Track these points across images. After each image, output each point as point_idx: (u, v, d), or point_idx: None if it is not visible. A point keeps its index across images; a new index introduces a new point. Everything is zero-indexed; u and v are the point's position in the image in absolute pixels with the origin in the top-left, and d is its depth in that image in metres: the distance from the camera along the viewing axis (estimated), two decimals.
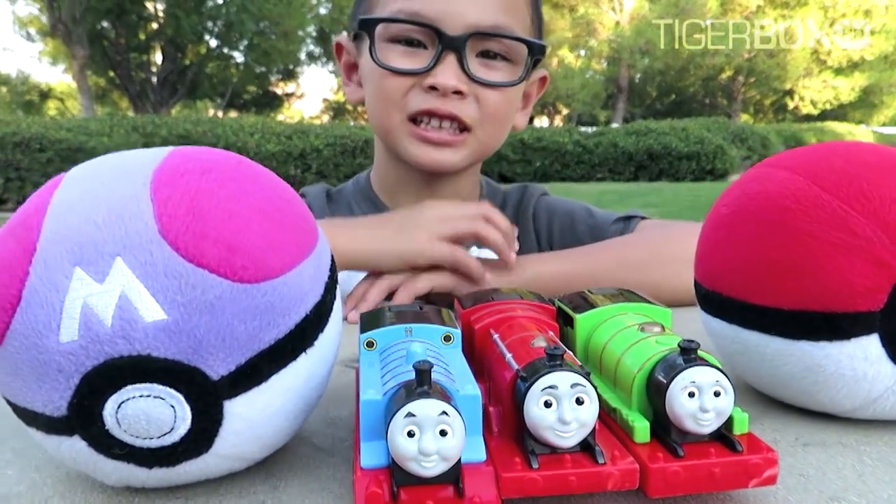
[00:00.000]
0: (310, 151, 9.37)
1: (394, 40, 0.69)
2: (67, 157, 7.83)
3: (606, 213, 0.80)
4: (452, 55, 0.67)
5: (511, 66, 0.71)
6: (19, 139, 7.68)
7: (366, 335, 0.33)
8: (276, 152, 9.16)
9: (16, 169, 7.69)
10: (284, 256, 0.29)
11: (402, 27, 0.68)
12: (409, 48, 0.69)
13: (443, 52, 0.67)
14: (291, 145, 9.33)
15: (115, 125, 8.87)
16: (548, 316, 0.38)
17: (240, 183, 0.30)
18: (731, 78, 20.57)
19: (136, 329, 0.26)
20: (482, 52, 0.70)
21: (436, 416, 0.25)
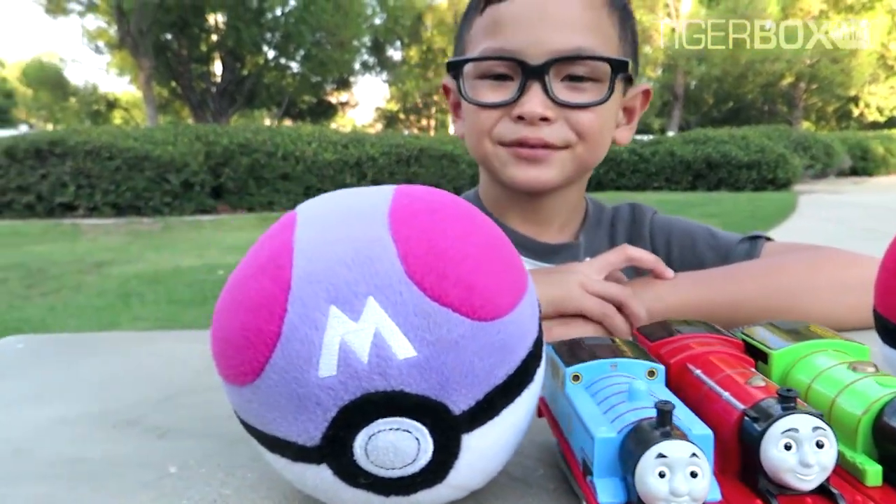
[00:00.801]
0: (365, 160, 9.49)
1: (482, 76, 0.72)
2: (134, 165, 8.11)
3: (729, 234, 0.79)
4: (537, 83, 0.69)
5: (598, 84, 0.72)
6: (90, 148, 7.98)
7: (571, 369, 0.34)
8: (333, 161, 9.31)
9: (86, 176, 7.99)
10: (511, 294, 0.30)
11: (488, 63, 0.71)
12: (497, 82, 0.72)
13: (527, 81, 0.69)
14: (347, 154, 9.46)
15: (180, 134, 9.13)
16: (737, 350, 0.38)
17: (464, 222, 0.31)
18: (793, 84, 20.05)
19: (390, 366, 0.27)
20: (568, 76, 0.71)
21: (687, 457, 0.26)
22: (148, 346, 0.63)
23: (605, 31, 0.73)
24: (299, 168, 9.18)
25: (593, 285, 0.60)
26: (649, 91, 0.82)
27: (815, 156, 11.87)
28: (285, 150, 9.13)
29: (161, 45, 16.42)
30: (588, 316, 0.59)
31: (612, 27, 0.74)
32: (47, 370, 0.57)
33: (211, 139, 9.14)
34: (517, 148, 0.72)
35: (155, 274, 5.06)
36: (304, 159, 9.19)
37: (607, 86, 0.72)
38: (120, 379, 0.54)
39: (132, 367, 0.57)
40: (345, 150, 9.52)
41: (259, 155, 9.04)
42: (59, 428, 0.44)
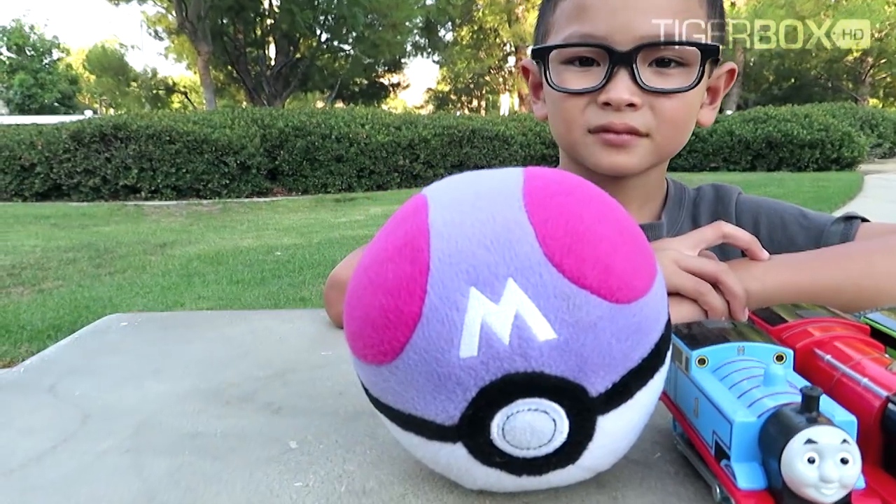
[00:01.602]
0: (418, 142, 9.52)
1: (568, 62, 0.71)
2: (194, 148, 8.31)
3: (822, 215, 0.77)
4: (624, 69, 0.68)
5: (686, 69, 0.70)
6: (152, 132, 8.21)
7: (697, 352, 0.34)
8: (386, 143, 9.36)
9: (148, 160, 8.23)
10: (645, 276, 0.30)
11: (574, 50, 0.70)
12: (583, 68, 0.71)
13: (614, 67, 0.68)
14: (400, 136, 9.50)
15: (236, 118, 9.31)
16: (864, 335, 0.37)
17: (598, 205, 0.31)
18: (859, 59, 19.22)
19: (532, 347, 0.27)
20: (655, 61, 0.69)
21: (838, 444, 0.25)
22: (243, 324, 0.65)
23: (693, 13, 0.72)
24: (353, 150, 9.26)
25: (687, 261, 0.59)
26: (734, 70, 0.80)
27: (884, 134, 11.39)
28: (339, 133, 9.23)
29: (217, 30, 16.70)
30: (683, 293, 0.58)
31: (700, 8, 0.73)
32: (154, 347, 0.59)
33: (267, 122, 9.29)
34: (603, 134, 0.71)
35: (215, 255, 5.19)
36: (357, 141, 9.27)
37: (695, 70, 0.70)
38: (221, 357, 0.56)
39: (233, 346, 0.59)
40: (397, 132, 9.56)
41: (313, 137, 9.16)
42: (176, 403, 0.46)
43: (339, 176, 9.37)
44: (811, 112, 10.68)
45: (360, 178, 9.48)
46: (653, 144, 0.72)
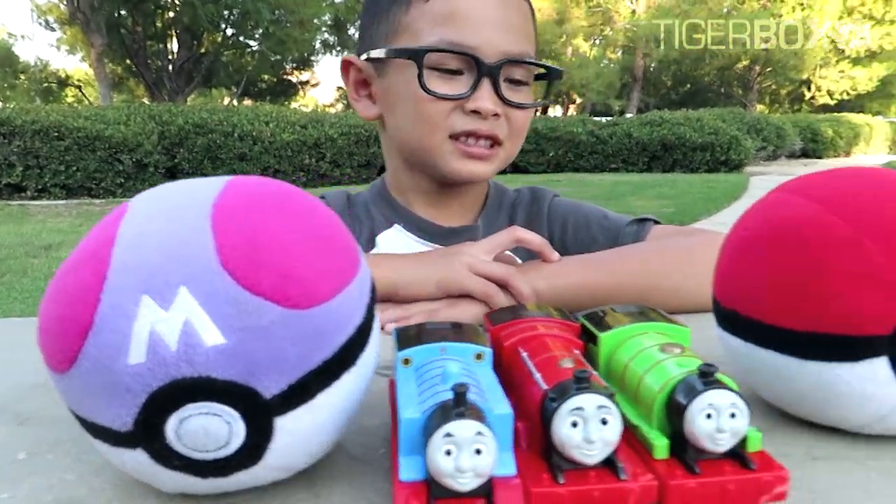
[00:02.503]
0: (324, 141, 9.41)
1: (431, 67, 0.73)
2: (86, 145, 7.91)
3: (620, 216, 0.82)
4: (488, 81, 0.72)
5: (527, 87, 0.78)
6: (38, 127, 7.76)
7: (403, 353, 0.35)
8: (291, 141, 9.20)
9: (35, 157, 7.78)
10: (332, 282, 0.31)
11: (442, 55, 0.72)
12: (447, 74, 0.73)
13: (480, 78, 0.71)
14: (306, 134, 9.36)
15: (133, 114, 8.93)
16: (572, 334, 0.40)
17: (292, 214, 0.32)
18: (748, 67, 20.38)
19: (198, 353, 0.28)
20: (508, 78, 0.74)
21: (472, 435, 0.27)
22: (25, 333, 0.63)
23: (532, 38, 0.78)
24: (257, 149, 9.06)
25: (479, 266, 0.62)
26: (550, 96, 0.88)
27: (767, 138, 12.12)
28: (242, 131, 9.01)
29: (114, 22, 15.96)
30: (472, 295, 0.61)
31: (534, 37, 0.79)
32: None
33: (165, 119, 8.96)
34: (465, 146, 0.74)
35: None
36: (261, 140, 9.08)
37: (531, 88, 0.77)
38: (3, 366, 0.54)
39: (8, 355, 0.57)
40: (303, 131, 9.42)
41: (215, 135, 8.90)
42: None
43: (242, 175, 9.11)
44: (702, 116, 11.25)
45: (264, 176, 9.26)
46: (505, 154, 0.78)
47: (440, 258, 0.64)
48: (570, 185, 8.78)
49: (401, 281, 0.63)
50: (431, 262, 0.64)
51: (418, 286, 0.63)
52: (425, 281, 0.62)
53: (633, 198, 7.52)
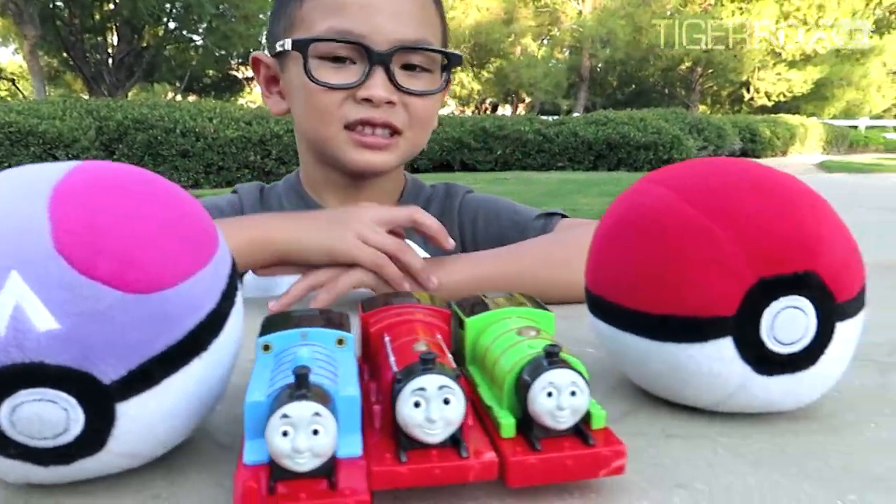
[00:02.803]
0: (270, 137, 9.26)
1: (322, 57, 0.74)
2: (18, 140, 7.62)
3: (530, 209, 0.83)
4: (380, 69, 0.72)
5: (430, 74, 0.77)
6: None
7: (263, 339, 0.35)
8: (235, 138, 9.03)
9: None
10: (178, 268, 0.31)
11: (332, 45, 0.73)
12: (338, 64, 0.73)
13: (372, 66, 0.71)
14: (251, 131, 9.20)
15: (69, 108, 8.63)
16: (441, 320, 0.40)
17: (140, 199, 0.32)
18: (690, 69, 20.89)
19: (29, 338, 0.28)
20: (405, 65, 0.74)
21: (309, 416, 0.28)
22: None
23: (433, 25, 0.78)
24: (200, 145, 8.86)
25: (369, 236, 0.62)
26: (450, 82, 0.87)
27: (708, 138, 12.43)
28: (185, 127, 8.79)
29: (49, 13, 15.41)
30: (362, 265, 0.62)
31: (437, 21, 0.78)
32: None
33: (104, 114, 8.69)
34: (360, 136, 0.74)
35: None
36: (204, 136, 8.88)
37: (438, 76, 0.76)
38: None
39: None
40: (248, 127, 9.25)
41: (156, 131, 8.67)
42: None
43: (184, 172, 8.93)
44: (646, 116, 11.47)
45: (207, 174, 9.08)
46: (406, 143, 0.76)
47: (334, 224, 0.64)
48: (517, 184, 8.86)
49: (292, 248, 0.63)
50: (325, 229, 0.64)
51: (306, 253, 0.63)
52: (317, 249, 0.63)
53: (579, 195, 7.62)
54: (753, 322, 0.36)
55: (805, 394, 0.39)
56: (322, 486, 0.29)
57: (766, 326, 0.36)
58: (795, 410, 0.41)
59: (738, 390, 0.38)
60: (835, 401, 0.43)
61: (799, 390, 0.38)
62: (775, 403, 0.38)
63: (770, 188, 0.39)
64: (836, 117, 21.36)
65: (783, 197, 0.38)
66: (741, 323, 0.36)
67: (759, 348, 0.37)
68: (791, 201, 0.38)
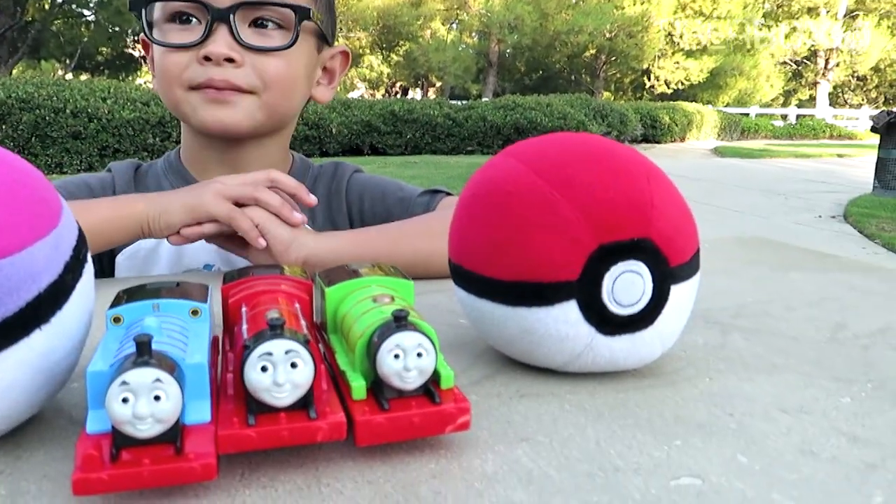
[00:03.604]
0: (170, 119, 8.88)
1: (170, 20, 0.72)
2: None
3: (414, 188, 0.85)
4: (224, 26, 0.71)
5: (285, 32, 0.74)
6: None
7: (112, 311, 0.35)
8: (132, 119, 8.63)
9: None
10: (11, 238, 0.30)
11: (174, 5, 0.72)
12: (185, 25, 0.73)
13: (213, 23, 0.71)
14: (149, 112, 8.80)
15: None
16: (303, 291, 0.41)
17: None
18: (594, 56, 21.48)
19: None
20: (255, 22, 0.73)
21: (149, 382, 0.28)
22: None
23: None
24: (93, 126, 8.41)
25: (229, 191, 0.63)
26: (348, 53, 0.86)
27: (612, 123, 12.85)
28: (75, 107, 8.33)
29: None
30: (218, 219, 0.62)
31: None
32: None
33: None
34: (205, 90, 0.72)
35: None
36: (98, 117, 8.44)
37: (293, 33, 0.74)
38: None
39: None
40: (146, 108, 8.84)
41: (44, 111, 8.17)
42: None
43: (76, 154, 8.47)
44: (552, 102, 11.74)
45: (102, 157, 8.64)
46: (260, 102, 0.75)
47: (193, 188, 0.65)
48: (426, 167, 8.89)
49: (152, 213, 0.64)
50: (183, 191, 0.65)
51: (168, 215, 0.64)
52: (178, 208, 0.63)
53: None
54: (595, 286, 0.39)
55: (646, 352, 0.42)
56: (168, 452, 0.29)
57: (606, 290, 0.39)
58: (642, 368, 0.44)
59: (585, 350, 0.40)
60: (678, 359, 0.46)
61: (640, 349, 0.41)
62: (619, 362, 0.41)
63: (609, 159, 0.41)
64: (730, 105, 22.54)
65: (620, 168, 0.41)
66: (584, 287, 0.39)
67: (602, 310, 0.39)
68: (628, 171, 0.41)
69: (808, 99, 28.43)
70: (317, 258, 0.63)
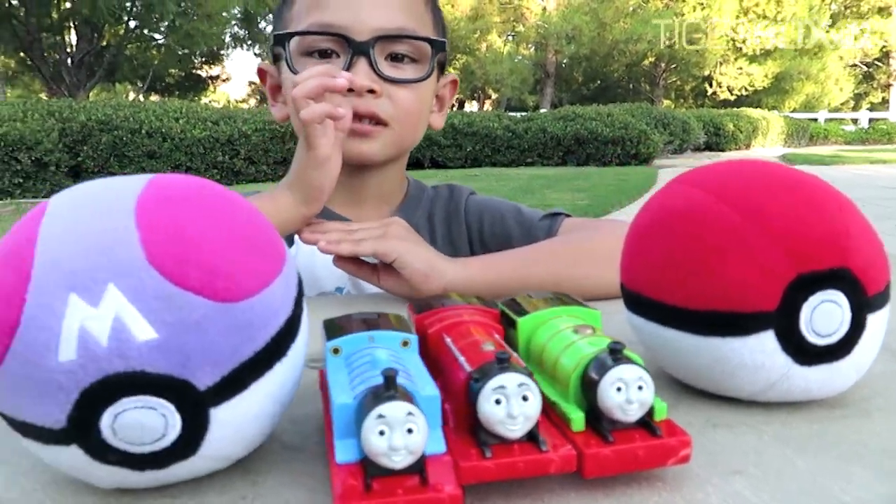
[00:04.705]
0: (238, 137, 9.16)
1: (307, 53, 0.75)
2: None
3: (534, 211, 0.85)
4: (363, 59, 0.73)
5: (418, 65, 0.77)
6: None
7: (332, 342, 0.37)
8: (203, 138, 8.92)
9: None
10: (258, 276, 0.32)
11: (315, 39, 0.74)
12: (323, 59, 0.74)
13: (353, 56, 0.73)
14: (218, 131, 9.09)
15: (29, 110, 8.43)
16: (492, 319, 0.42)
17: (215, 209, 0.33)
18: (654, 64, 21.17)
19: (130, 348, 0.29)
20: (390, 56, 0.75)
21: (403, 416, 0.29)
22: None
23: (421, 16, 0.78)
24: (167, 146, 8.74)
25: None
26: (456, 81, 0.88)
27: (674, 132, 12.62)
28: (150, 127, 8.66)
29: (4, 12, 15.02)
30: None
31: (426, 13, 0.79)
32: None
33: (66, 115, 8.50)
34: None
35: None
36: (171, 136, 8.76)
37: (426, 66, 0.77)
38: None
39: None
40: (215, 127, 9.14)
41: (121, 132, 8.52)
42: None
43: (151, 173, 8.77)
44: (613, 112, 11.60)
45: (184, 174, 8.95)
46: (393, 134, 0.77)
47: None
48: (487, 180, 8.89)
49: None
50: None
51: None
52: None
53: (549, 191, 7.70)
54: (793, 316, 0.39)
55: (841, 382, 0.41)
56: (415, 482, 0.30)
57: (805, 319, 0.39)
58: (829, 398, 0.43)
59: (780, 381, 0.40)
60: (862, 387, 0.45)
61: (836, 379, 0.41)
62: (813, 392, 0.41)
63: (798, 188, 0.41)
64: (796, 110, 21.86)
65: (811, 196, 0.41)
66: (782, 317, 0.38)
67: (800, 340, 0.39)
68: (820, 200, 0.40)
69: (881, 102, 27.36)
70: (454, 287, 0.65)
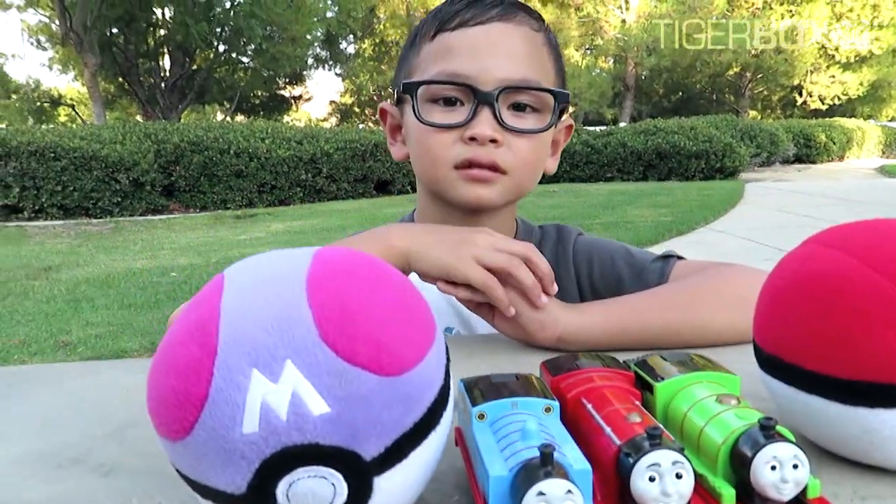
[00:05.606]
0: (320, 156, 9.45)
1: (433, 100, 0.77)
2: (82, 165, 7.94)
3: (645, 253, 0.85)
4: (487, 108, 0.75)
5: (539, 115, 0.78)
6: (34, 148, 7.78)
7: (477, 408, 0.38)
8: (287, 157, 9.24)
9: (31, 178, 7.80)
10: (417, 349, 0.34)
11: (441, 87, 0.76)
12: (448, 106, 0.77)
13: (478, 106, 0.74)
14: (302, 150, 9.40)
15: (128, 133, 8.95)
16: (627, 383, 0.42)
17: (376, 284, 0.35)
18: (738, 74, 20.55)
19: (307, 421, 0.31)
20: (513, 105, 0.76)
21: (562, 494, 0.30)
22: (89, 378, 0.65)
23: (544, 66, 0.80)
24: (253, 165, 9.09)
25: (486, 257, 0.65)
26: (572, 125, 0.89)
27: (761, 144, 12.20)
28: (238, 147, 9.04)
29: (107, 41, 16.01)
30: (473, 284, 0.64)
31: (549, 63, 0.81)
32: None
33: (161, 137, 8.99)
34: (467, 170, 0.77)
35: (106, 277, 4.98)
36: (257, 156, 9.12)
37: (546, 115, 0.78)
38: (62, 414, 0.56)
39: (74, 402, 0.59)
40: (299, 146, 9.46)
41: (211, 152, 8.93)
42: (6, 466, 0.47)
43: (238, 192, 9.16)
44: (696, 124, 11.32)
45: (261, 193, 9.31)
46: (511, 182, 0.79)
47: (454, 245, 0.67)
48: (566, 196, 8.83)
49: (412, 254, 0.67)
50: (441, 246, 0.68)
51: (422, 264, 0.67)
52: (431, 260, 0.67)
53: (630, 207, 7.58)
54: None
55: None
56: None
57: None
58: None
59: None
60: None
61: None
62: None
63: None
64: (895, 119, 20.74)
65: None
66: None
67: None
68: None
69: None
70: (570, 336, 0.65)
